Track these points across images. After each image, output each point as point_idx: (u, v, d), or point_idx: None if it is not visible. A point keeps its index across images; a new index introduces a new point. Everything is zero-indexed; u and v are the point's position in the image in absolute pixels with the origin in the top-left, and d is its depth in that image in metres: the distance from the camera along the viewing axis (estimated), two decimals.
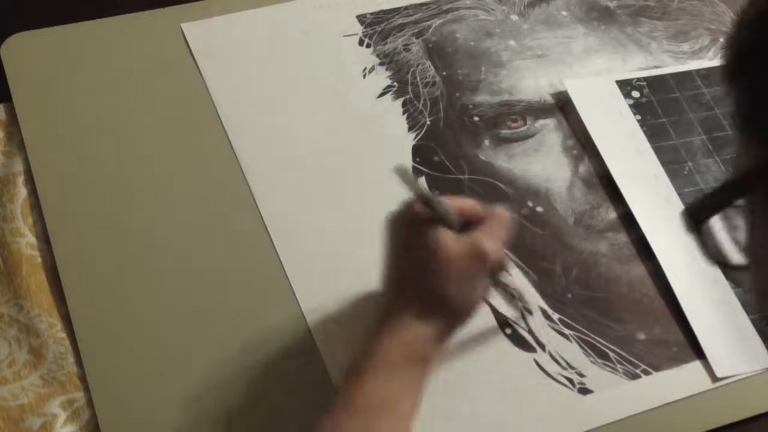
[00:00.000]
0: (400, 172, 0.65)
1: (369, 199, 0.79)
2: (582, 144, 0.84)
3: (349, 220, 0.77)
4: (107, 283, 0.72)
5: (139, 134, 0.81)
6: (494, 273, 0.66)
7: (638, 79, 0.89)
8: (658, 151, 0.84)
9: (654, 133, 0.85)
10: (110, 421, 0.66)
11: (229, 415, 0.66)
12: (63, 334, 0.69)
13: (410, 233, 0.64)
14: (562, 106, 0.86)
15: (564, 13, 0.95)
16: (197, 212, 0.77)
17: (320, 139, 0.82)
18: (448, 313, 0.63)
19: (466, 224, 0.64)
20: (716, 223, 0.48)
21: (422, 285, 0.62)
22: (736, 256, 0.49)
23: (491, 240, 0.63)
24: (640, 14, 0.96)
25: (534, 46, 0.91)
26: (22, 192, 0.76)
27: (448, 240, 0.62)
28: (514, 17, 0.94)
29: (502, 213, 0.66)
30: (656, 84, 0.89)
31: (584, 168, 0.83)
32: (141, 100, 0.83)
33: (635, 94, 0.88)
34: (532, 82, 0.88)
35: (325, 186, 0.79)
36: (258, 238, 0.75)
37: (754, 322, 0.74)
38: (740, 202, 0.46)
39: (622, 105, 0.86)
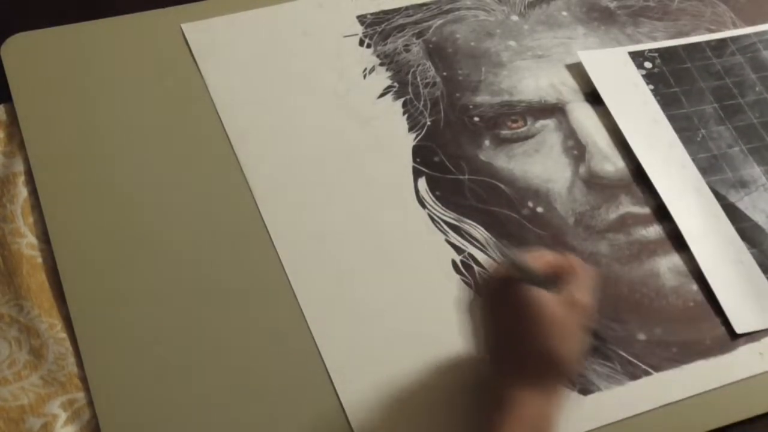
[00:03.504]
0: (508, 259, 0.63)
1: (369, 199, 0.79)
2: (582, 144, 0.84)
3: (349, 220, 0.77)
4: (107, 283, 0.72)
5: (139, 134, 0.81)
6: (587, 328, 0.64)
7: (650, 51, 0.91)
8: (672, 119, 0.86)
9: (667, 103, 0.87)
10: (110, 421, 0.65)
11: (229, 413, 0.66)
12: (63, 335, 0.69)
13: (507, 302, 0.61)
14: (563, 107, 0.87)
15: (564, 13, 0.95)
16: (197, 212, 0.77)
17: (320, 139, 0.82)
18: (560, 374, 0.61)
19: (552, 278, 0.63)
20: None
21: (532, 353, 0.60)
22: None
23: (585, 292, 0.62)
24: (641, 15, 0.96)
25: (534, 47, 0.91)
26: (22, 192, 0.76)
27: (548, 300, 0.60)
28: (515, 18, 0.94)
29: (589, 267, 0.64)
30: (667, 55, 0.91)
31: (585, 168, 0.83)
32: (141, 100, 0.83)
33: (647, 64, 0.90)
34: (533, 83, 0.88)
35: (326, 186, 0.79)
36: (258, 237, 0.75)
37: None
38: None
39: (636, 75, 0.89)
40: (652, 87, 0.88)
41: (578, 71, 0.89)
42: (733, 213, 0.80)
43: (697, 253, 0.77)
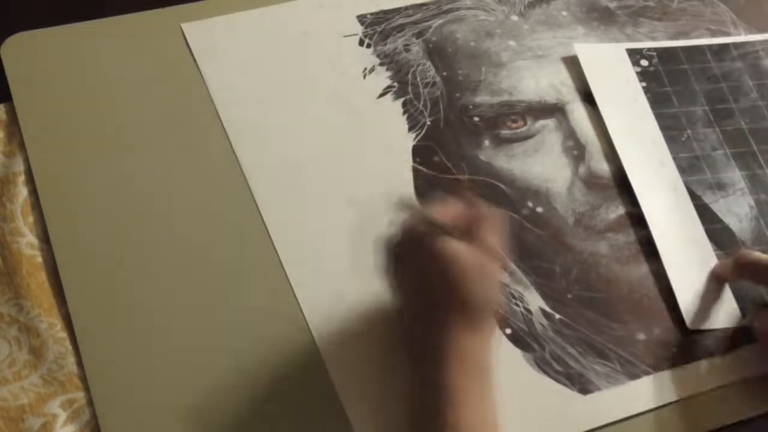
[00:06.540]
0: (404, 204, 0.67)
1: (369, 198, 0.79)
2: (582, 144, 0.84)
3: (349, 221, 0.77)
4: (107, 283, 0.72)
5: (139, 134, 0.81)
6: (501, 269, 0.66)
7: (648, 50, 0.91)
8: (659, 118, 0.86)
9: (657, 101, 0.87)
10: (110, 421, 0.66)
11: (229, 414, 0.66)
12: (63, 334, 0.69)
13: (420, 253, 0.64)
14: (563, 107, 0.87)
15: (564, 13, 0.95)
16: (197, 212, 0.77)
17: (320, 138, 0.82)
18: (484, 314, 0.63)
19: (464, 229, 0.65)
20: None
21: (450, 297, 0.62)
22: None
23: (494, 235, 0.64)
24: (640, 15, 0.96)
25: (534, 47, 0.91)
26: (22, 192, 0.76)
27: (460, 247, 0.62)
28: (515, 17, 0.94)
29: (493, 211, 0.67)
30: (666, 55, 0.91)
31: (584, 168, 0.83)
32: (141, 100, 0.83)
33: (644, 62, 0.90)
34: (532, 83, 0.88)
35: (325, 186, 0.79)
36: (258, 238, 0.75)
37: (730, 284, 0.76)
38: None
39: (630, 72, 0.89)
40: (644, 84, 0.88)
41: (578, 70, 0.89)
42: (705, 214, 0.80)
43: (662, 249, 0.77)
